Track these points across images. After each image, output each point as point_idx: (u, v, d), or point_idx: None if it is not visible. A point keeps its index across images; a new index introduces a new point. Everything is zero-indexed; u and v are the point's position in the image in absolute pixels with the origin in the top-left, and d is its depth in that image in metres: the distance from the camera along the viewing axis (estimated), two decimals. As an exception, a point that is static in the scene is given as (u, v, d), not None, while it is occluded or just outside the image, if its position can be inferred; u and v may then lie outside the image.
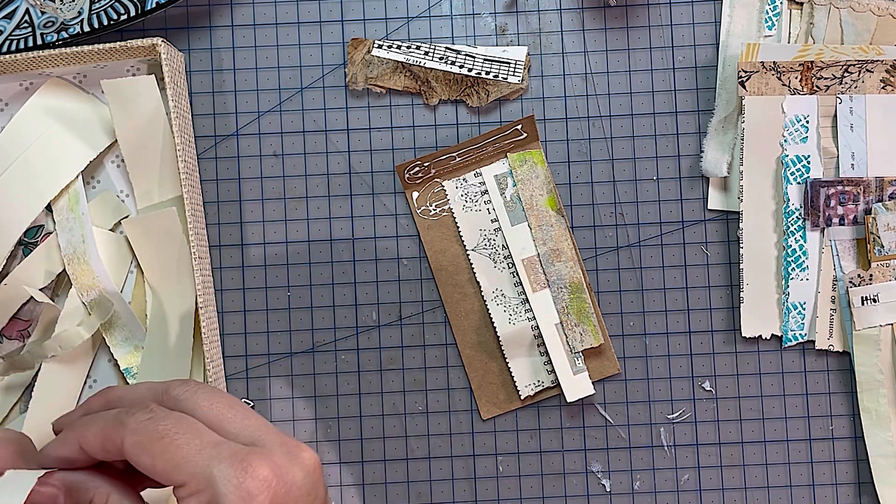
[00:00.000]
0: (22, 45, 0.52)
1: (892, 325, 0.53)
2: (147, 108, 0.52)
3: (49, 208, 0.54)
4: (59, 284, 0.54)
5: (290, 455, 0.34)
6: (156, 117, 0.52)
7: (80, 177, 0.53)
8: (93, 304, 0.52)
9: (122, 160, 0.54)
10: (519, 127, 0.54)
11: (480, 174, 0.55)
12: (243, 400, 0.54)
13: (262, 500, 0.32)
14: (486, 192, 0.55)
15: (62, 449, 0.35)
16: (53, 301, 0.53)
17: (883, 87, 0.53)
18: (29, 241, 0.54)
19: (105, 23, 0.52)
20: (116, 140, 0.53)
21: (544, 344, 0.53)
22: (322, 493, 0.35)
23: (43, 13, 0.52)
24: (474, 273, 0.54)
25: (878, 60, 0.53)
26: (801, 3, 0.54)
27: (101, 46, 0.51)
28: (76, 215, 0.53)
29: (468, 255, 0.54)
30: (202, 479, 0.32)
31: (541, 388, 0.54)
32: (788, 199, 0.53)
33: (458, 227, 0.54)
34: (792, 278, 0.53)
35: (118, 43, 0.51)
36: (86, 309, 0.52)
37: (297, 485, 0.34)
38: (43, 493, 0.35)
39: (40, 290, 0.53)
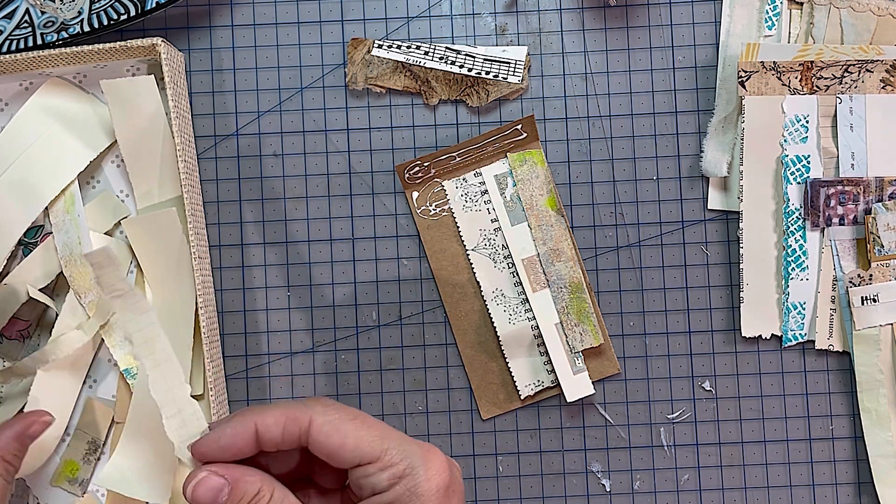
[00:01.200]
0: (22, 45, 0.52)
1: (892, 325, 0.53)
2: (147, 108, 0.52)
3: (46, 210, 0.54)
4: (59, 284, 0.54)
5: (447, 457, 0.37)
6: (156, 117, 0.52)
7: (76, 179, 0.53)
8: (92, 306, 0.52)
9: (122, 160, 0.54)
10: (519, 127, 0.54)
11: (480, 174, 0.55)
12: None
13: (446, 480, 0.36)
14: (486, 192, 0.55)
15: (232, 432, 0.36)
16: (53, 301, 0.53)
17: (883, 87, 0.53)
18: (29, 241, 0.54)
19: (105, 23, 0.52)
20: (116, 140, 0.53)
21: (544, 344, 0.53)
22: (464, 496, 0.38)
23: (43, 13, 0.52)
24: (474, 273, 0.54)
25: (878, 60, 0.53)
26: (801, 3, 0.54)
27: (101, 46, 0.51)
28: (72, 217, 0.53)
29: (468, 255, 0.54)
30: (397, 453, 0.35)
31: (541, 388, 0.54)
32: (788, 199, 0.53)
33: (458, 227, 0.54)
34: (792, 278, 0.53)
35: (118, 43, 0.51)
36: (84, 311, 0.52)
37: (458, 480, 0.37)
38: (211, 484, 0.35)
39: (40, 290, 0.53)
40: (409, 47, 0.54)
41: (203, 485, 0.35)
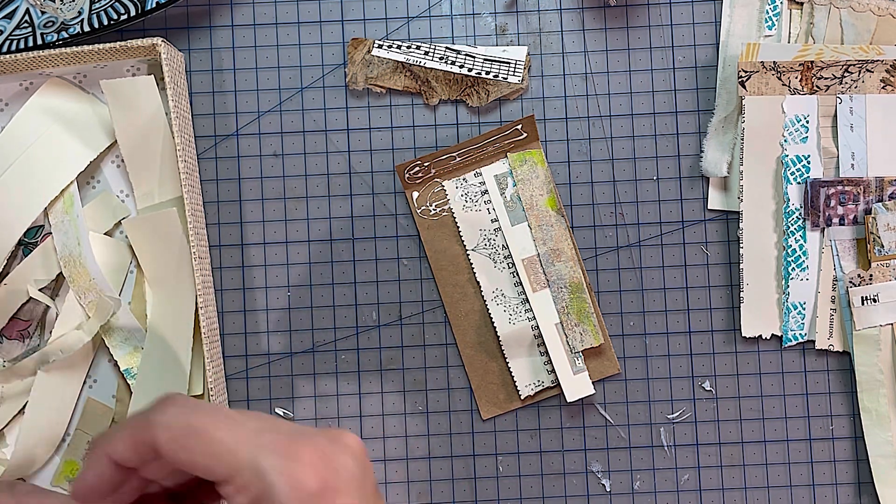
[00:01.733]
0: (22, 45, 0.52)
1: (892, 325, 0.53)
2: (147, 108, 0.52)
3: (46, 210, 0.54)
4: (59, 285, 0.54)
5: (334, 440, 0.32)
6: (156, 117, 0.52)
7: (75, 180, 0.53)
8: (92, 307, 0.52)
9: (122, 160, 0.54)
10: (519, 127, 0.54)
11: (480, 174, 0.55)
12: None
13: (314, 487, 0.30)
14: (486, 192, 0.55)
15: (91, 470, 0.32)
16: (53, 301, 0.53)
17: (883, 87, 0.53)
18: (29, 241, 0.54)
19: (105, 23, 0.52)
20: (116, 140, 0.53)
21: (544, 344, 0.53)
22: (372, 478, 0.33)
23: (43, 13, 0.52)
24: (474, 273, 0.54)
25: (878, 60, 0.53)
26: (801, 3, 0.54)
27: (101, 46, 0.51)
28: (71, 217, 0.53)
29: (468, 255, 0.54)
30: (249, 472, 0.30)
31: (541, 388, 0.54)
32: (788, 199, 0.53)
33: (458, 227, 0.54)
34: (792, 278, 0.53)
35: (118, 43, 0.51)
36: (84, 311, 0.52)
37: (346, 469, 0.32)
38: None
39: (40, 290, 0.53)
40: (409, 47, 0.54)
41: None
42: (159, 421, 0.31)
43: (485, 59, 0.54)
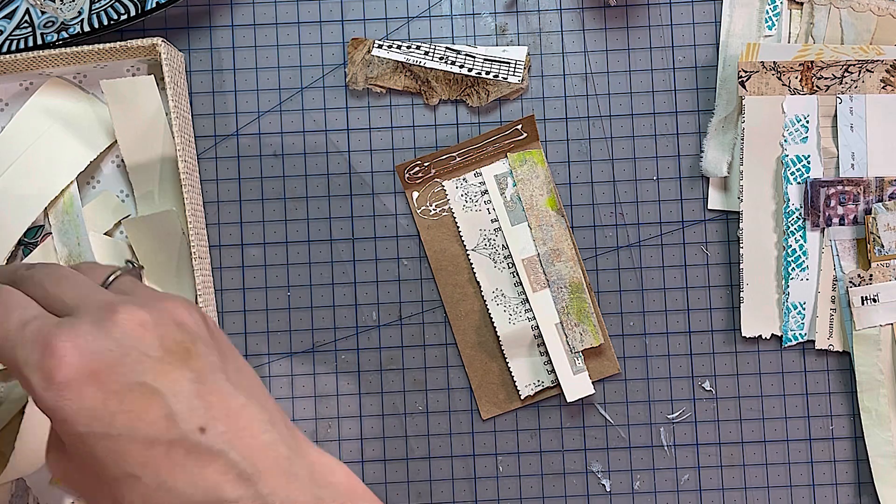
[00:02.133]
0: (22, 45, 0.52)
1: (892, 325, 0.53)
2: (147, 108, 0.52)
3: (46, 210, 0.54)
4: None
5: (99, 321, 0.30)
6: (156, 117, 0.52)
7: (75, 180, 0.53)
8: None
9: (122, 160, 0.54)
10: (519, 127, 0.54)
11: (480, 174, 0.55)
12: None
13: (64, 379, 0.28)
14: (486, 192, 0.55)
15: None
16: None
17: (883, 87, 0.53)
18: (29, 241, 0.54)
19: (105, 23, 0.52)
20: (116, 140, 0.53)
21: (544, 344, 0.53)
22: (174, 348, 0.30)
23: (43, 13, 0.52)
24: (474, 273, 0.54)
25: (878, 60, 0.53)
26: (801, 3, 0.54)
27: (101, 46, 0.51)
28: (71, 217, 0.53)
29: (468, 255, 0.54)
30: (12, 363, 0.30)
31: (541, 387, 0.54)
32: (788, 199, 0.53)
33: (458, 227, 0.54)
34: (792, 278, 0.53)
35: (118, 43, 0.51)
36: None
37: (106, 353, 0.29)
38: None
39: (40, 290, 0.53)
40: (409, 47, 0.54)
41: None
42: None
43: (485, 59, 0.54)
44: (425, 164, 0.54)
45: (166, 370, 0.30)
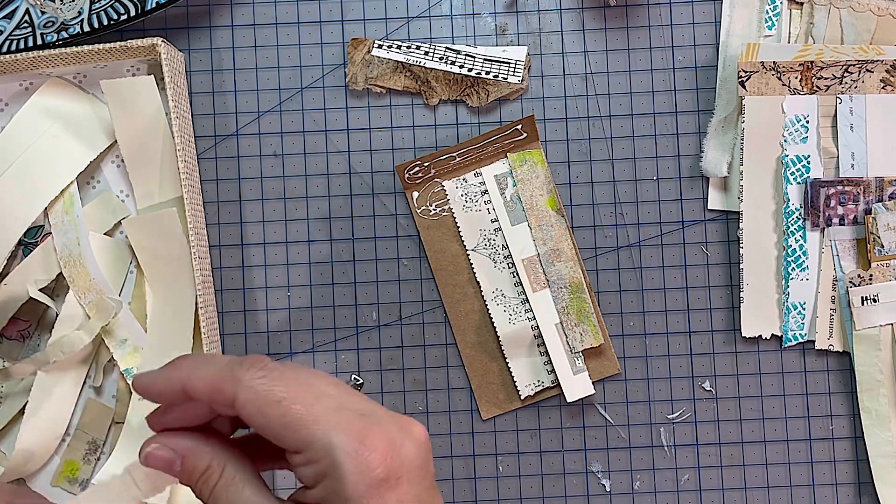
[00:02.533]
0: (22, 45, 0.52)
1: (892, 325, 0.53)
2: (147, 108, 0.52)
3: (46, 210, 0.54)
4: (59, 285, 0.54)
5: (402, 428, 0.33)
6: (156, 117, 0.52)
7: (75, 180, 0.53)
8: (92, 307, 0.52)
9: (122, 160, 0.54)
10: (519, 127, 0.54)
11: (480, 174, 0.55)
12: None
13: (380, 473, 0.31)
14: (486, 192, 0.55)
15: (162, 384, 0.33)
16: (53, 301, 0.53)
17: (883, 87, 0.53)
18: (29, 241, 0.54)
19: (105, 23, 0.52)
20: (116, 140, 0.53)
21: (544, 344, 0.53)
22: (432, 469, 0.34)
23: (43, 13, 0.52)
24: (474, 273, 0.54)
25: (878, 60, 0.53)
26: (801, 3, 0.54)
27: (101, 46, 0.51)
28: (71, 218, 0.53)
29: (468, 255, 0.54)
30: (320, 449, 0.31)
31: (541, 388, 0.54)
32: (788, 199, 0.53)
33: (458, 227, 0.54)
34: (792, 278, 0.53)
35: (118, 43, 0.51)
36: (84, 311, 0.52)
37: (409, 458, 0.33)
38: (161, 456, 0.34)
39: (40, 290, 0.53)
40: (409, 47, 0.54)
41: (153, 458, 0.34)
42: (244, 381, 0.32)
43: (485, 59, 0.54)
44: (425, 165, 0.54)
45: (433, 487, 0.34)
